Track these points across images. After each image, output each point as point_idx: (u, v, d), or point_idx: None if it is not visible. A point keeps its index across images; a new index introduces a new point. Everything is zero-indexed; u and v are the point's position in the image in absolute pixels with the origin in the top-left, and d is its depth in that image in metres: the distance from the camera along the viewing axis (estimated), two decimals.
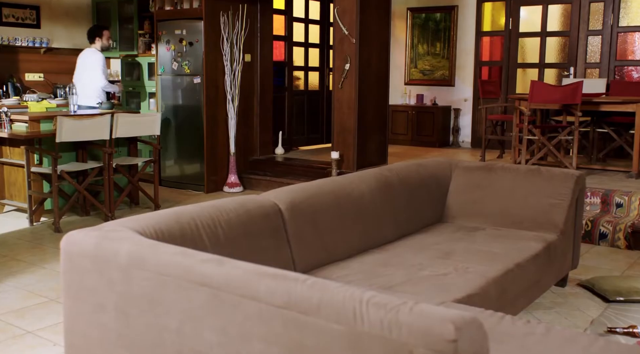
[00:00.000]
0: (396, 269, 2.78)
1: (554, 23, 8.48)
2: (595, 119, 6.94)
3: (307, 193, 2.93)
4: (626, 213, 5.11)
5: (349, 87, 6.47)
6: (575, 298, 3.71)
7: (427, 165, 3.97)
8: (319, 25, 8.89)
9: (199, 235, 2.34)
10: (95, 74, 6.80)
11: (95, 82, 6.81)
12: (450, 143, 9.33)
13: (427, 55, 9.47)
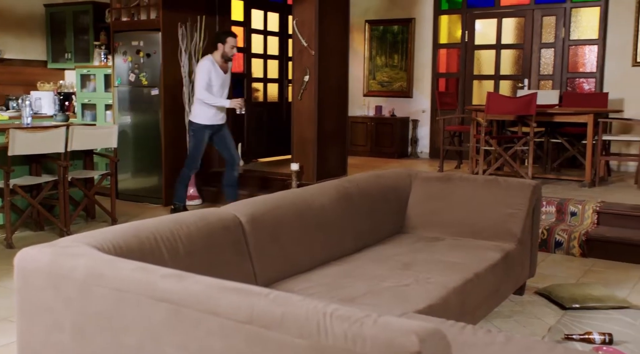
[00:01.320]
0: (357, 280, 2.78)
1: (509, 36, 8.67)
2: (549, 130, 7.09)
3: (268, 205, 2.91)
4: (580, 222, 5.22)
5: (308, 98, 6.49)
6: (533, 306, 3.77)
7: (387, 176, 4.00)
8: (278, 37, 8.90)
9: (158, 249, 2.30)
10: (195, 85, 5.93)
11: (195, 95, 5.95)
12: (408, 154, 9.42)
13: (385, 67, 9.56)
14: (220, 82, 5.91)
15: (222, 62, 5.92)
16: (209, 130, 6.00)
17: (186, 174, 6.19)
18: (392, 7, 9.38)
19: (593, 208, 5.20)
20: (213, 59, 5.87)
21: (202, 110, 5.92)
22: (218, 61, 5.89)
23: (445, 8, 9.09)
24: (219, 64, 5.88)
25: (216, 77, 5.86)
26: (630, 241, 4.81)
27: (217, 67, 5.86)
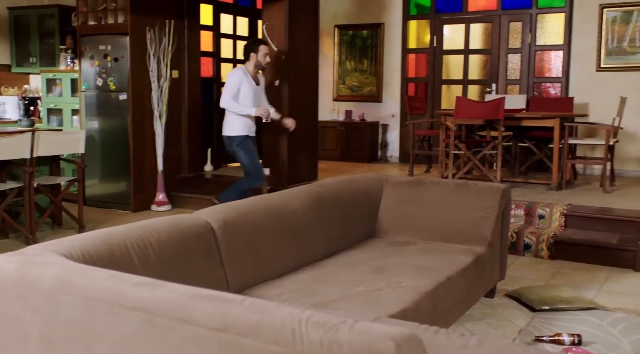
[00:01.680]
0: (330, 286, 2.77)
1: (476, 41, 8.77)
2: (517, 134, 7.19)
3: (240, 211, 2.89)
4: (548, 224, 5.30)
5: (278, 103, 6.47)
6: (504, 308, 3.81)
7: (358, 181, 4.00)
8: (247, 41, 8.85)
9: (128, 257, 2.26)
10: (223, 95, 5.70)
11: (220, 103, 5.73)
12: (378, 158, 9.46)
13: (354, 72, 9.60)
14: (253, 92, 5.72)
15: (255, 73, 5.78)
16: (250, 139, 5.81)
17: (247, 186, 5.79)
18: (361, 12, 9.42)
19: (560, 211, 5.28)
20: (245, 69, 5.72)
21: (235, 122, 5.71)
22: (250, 72, 5.74)
23: (414, 13, 9.16)
24: (251, 75, 5.74)
25: (248, 88, 5.69)
26: (597, 243, 4.90)
27: (249, 78, 5.70)
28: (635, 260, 4.71)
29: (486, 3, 8.59)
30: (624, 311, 3.76)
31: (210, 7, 8.08)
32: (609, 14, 7.75)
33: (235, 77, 5.63)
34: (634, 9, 7.62)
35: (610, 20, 7.75)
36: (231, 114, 5.70)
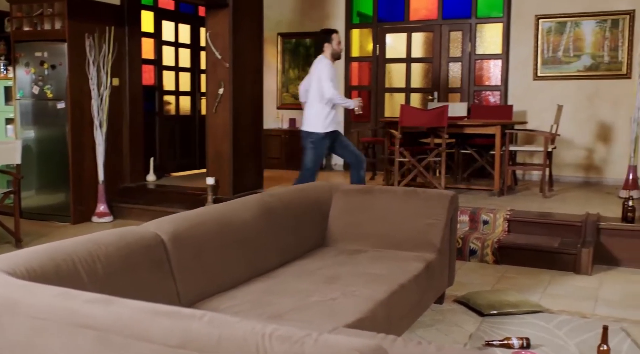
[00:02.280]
0: (283, 296, 2.74)
1: (418, 50, 8.91)
2: (459, 141, 7.33)
3: (190, 222, 2.82)
4: (492, 230, 5.40)
5: (223, 112, 6.41)
6: (453, 314, 3.85)
7: (308, 189, 3.98)
8: (190, 49, 8.75)
9: (76, 272, 2.17)
10: (319, 86, 5.58)
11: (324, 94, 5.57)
12: (323, 166, 9.45)
13: (298, 80, 9.55)
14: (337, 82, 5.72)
15: (332, 62, 5.73)
16: (328, 140, 5.69)
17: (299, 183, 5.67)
18: (304, 20, 9.43)
19: (504, 216, 5.40)
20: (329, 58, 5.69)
21: (318, 117, 5.59)
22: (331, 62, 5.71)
23: (357, 22, 9.23)
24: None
25: (335, 77, 5.68)
26: (539, 247, 5.02)
27: (334, 68, 5.69)
28: (575, 263, 4.85)
29: (427, 13, 8.74)
30: (568, 313, 3.86)
31: (152, 14, 7.95)
32: (544, 25, 8.00)
33: (329, 68, 5.58)
34: (567, 20, 7.89)
35: (545, 30, 8.00)
36: (316, 108, 5.59)
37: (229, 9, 6.26)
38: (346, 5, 9.11)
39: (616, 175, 7.73)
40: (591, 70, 7.84)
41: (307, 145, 5.69)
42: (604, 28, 7.73)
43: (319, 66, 5.65)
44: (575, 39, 7.87)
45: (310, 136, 5.65)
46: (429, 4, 8.72)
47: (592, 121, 7.91)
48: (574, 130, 7.89)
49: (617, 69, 7.72)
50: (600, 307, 4.05)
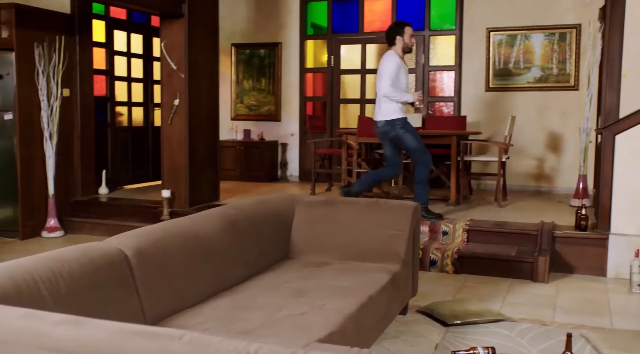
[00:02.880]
0: (252, 311, 2.68)
1: (373, 61, 8.97)
2: None
3: (154, 237, 2.74)
4: (451, 240, 5.45)
5: (179, 123, 6.31)
6: (417, 324, 3.85)
7: (270, 201, 3.93)
8: (142, 59, 8.60)
9: (38, 292, 2.07)
10: (380, 81, 5.60)
11: (379, 90, 5.63)
12: (278, 177, 9.42)
13: (252, 91, 9.54)
14: (407, 78, 5.66)
15: (403, 57, 5.68)
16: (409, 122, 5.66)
17: (425, 173, 5.70)
18: (258, 31, 9.40)
19: (463, 227, 5.45)
20: (398, 54, 5.61)
21: (391, 106, 5.57)
22: (401, 56, 5.62)
23: (311, 33, 9.25)
24: (402, 60, 5.63)
25: (404, 72, 5.60)
26: (497, 256, 5.09)
27: (403, 63, 5.59)
28: (532, 271, 4.93)
29: (381, 24, 8.81)
30: (529, 321, 3.91)
31: (103, 24, 7.78)
32: (495, 37, 8.17)
33: (394, 64, 5.51)
34: (517, 33, 8.08)
35: (496, 43, 8.17)
36: (385, 100, 5.56)
37: (184, 19, 6.19)
38: (300, 16, 9.11)
39: (566, 184, 7.93)
40: (541, 82, 8.04)
41: (398, 133, 5.62)
42: (552, 41, 7.95)
43: (386, 62, 5.63)
44: (525, 52, 8.06)
45: (396, 124, 5.60)
46: (383, 15, 8.81)
47: (542, 131, 8.11)
48: (525, 140, 8.07)
49: (566, 81, 7.93)
50: (559, 314, 4.12)
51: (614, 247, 5.08)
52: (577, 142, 7.72)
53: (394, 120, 5.61)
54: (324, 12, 9.09)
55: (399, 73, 5.58)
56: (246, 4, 9.37)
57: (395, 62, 5.58)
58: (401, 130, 5.63)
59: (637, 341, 3.46)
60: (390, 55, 5.67)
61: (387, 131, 5.66)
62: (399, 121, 5.61)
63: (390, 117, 5.62)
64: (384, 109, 5.64)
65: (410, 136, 5.64)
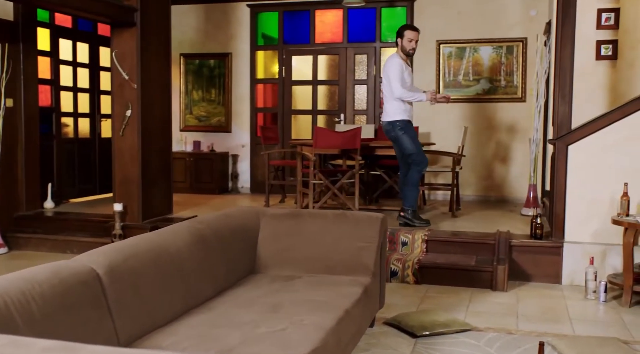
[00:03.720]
0: (229, 329, 2.59)
1: (324, 72, 8.98)
2: (368, 162, 7.41)
3: (124, 254, 2.62)
4: (411, 250, 5.47)
5: (131, 134, 6.13)
6: (386, 336, 3.83)
7: (235, 215, 3.85)
8: (89, 68, 8.34)
9: (9, 315, 1.94)
10: (389, 84, 5.69)
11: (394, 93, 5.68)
12: (229, 189, 9.30)
13: (202, 102, 9.40)
14: (411, 79, 5.70)
15: (405, 58, 5.79)
16: (411, 124, 5.78)
17: (417, 176, 5.80)
18: (208, 41, 9.28)
19: (422, 237, 5.48)
20: (400, 55, 5.73)
21: (398, 107, 5.68)
22: (403, 58, 5.73)
23: (261, 44, 9.19)
24: (405, 61, 5.68)
25: (407, 74, 5.64)
26: (457, 266, 5.13)
27: (405, 64, 5.64)
28: (492, 280, 4.99)
29: (332, 36, 8.85)
30: (494, 330, 3.95)
31: (48, 32, 7.52)
32: (445, 50, 8.31)
33: (397, 65, 5.64)
34: (466, 45, 8.24)
35: (446, 55, 8.31)
36: (392, 103, 5.68)
37: (136, 28, 6.03)
38: (251, 26, 9.05)
39: (515, 193, 8.12)
40: (489, 94, 8.21)
41: (397, 134, 5.74)
42: (500, 54, 8.14)
43: (387, 64, 5.78)
44: (474, 64, 8.23)
45: (396, 125, 5.71)
46: (334, 27, 8.84)
47: (491, 141, 8.28)
48: (474, 150, 8.21)
49: (513, 93, 8.13)
50: (522, 322, 4.17)
51: (568, 255, 5.20)
52: (524, 153, 7.93)
53: (395, 121, 5.74)
54: (274, 23, 9.05)
55: (403, 74, 5.72)
56: (195, 13, 9.24)
57: (397, 64, 5.71)
58: (400, 131, 5.74)
59: (602, 347, 3.53)
60: (392, 58, 5.81)
61: (388, 130, 5.82)
62: (399, 123, 5.73)
63: (391, 118, 5.76)
64: (388, 110, 5.80)
65: (408, 138, 5.75)
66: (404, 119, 5.73)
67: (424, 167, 5.81)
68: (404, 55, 5.78)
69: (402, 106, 5.73)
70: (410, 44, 5.75)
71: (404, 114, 5.74)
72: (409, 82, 5.77)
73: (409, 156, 5.77)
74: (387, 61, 5.85)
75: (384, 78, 5.86)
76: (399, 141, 5.78)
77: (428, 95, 5.73)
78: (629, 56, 6.48)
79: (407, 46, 5.75)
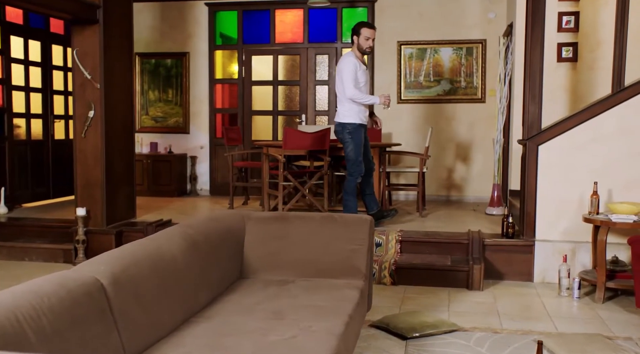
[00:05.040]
0: (238, 337, 2.51)
1: (285, 73, 8.90)
2: (332, 163, 7.36)
3: (124, 262, 2.50)
4: (385, 251, 5.47)
5: (94, 136, 5.92)
6: (375, 339, 3.80)
7: (221, 219, 3.74)
8: (41, 67, 8.02)
9: (22, 332, 1.81)
10: (342, 84, 5.56)
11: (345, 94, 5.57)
12: (188, 192, 9.11)
13: (159, 102, 9.18)
14: (365, 78, 5.55)
15: (361, 57, 5.65)
16: (363, 129, 5.66)
17: (353, 184, 5.67)
18: (164, 40, 9.06)
19: (396, 238, 5.48)
20: (354, 54, 5.58)
21: (352, 109, 5.57)
22: (358, 57, 5.60)
23: (220, 43, 9.03)
24: (360, 60, 5.51)
25: (361, 74, 5.50)
26: (434, 266, 5.15)
27: (360, 63, 5.48)
28: (468, 280, 5.03)
29: (293, 36, 8.78)
30: (480, 330, 3.97)
31: None
32: (406, 51, 8.37)
33: (350, 65, 5.51)
34: (427, 46, 8.31)
35: (407, 56, 8.37)
36: (345, 105, 5.57)
37: (99, 25, 5.82)
38: (209, 25, 8.89)
39: (475, 193, 8.24)
40: (450, 95, 8.30)
41: (345, 137, 5.64)
42: (460, 55, 8.24)
43: (341, 64, 5.64)
44: (435, 65, 8.31)
45: (346, 127, 5.60)
46: (295, 27, 8.77)
47: (451, 142, 8.37)
48: (435, 151, 8.29)
49: (473, 94, 8.25)
50: (505, 321, 4.21)
51: (539, 253, 5.29)
52: (484, 153, 8.06)
53: (346, 123, 5.64)
54: (233, 22, 8.91)
55: (357, 74, 5.58)
56: (151, 12, 9.01)
57: (351, 63, 5.55)
58: (347, 135, 5.65)
59: (590, 343, 3.59)
60: (346, 56, 5.66)
61: (338, 131, 5.73)
62: (349, 126, 5.64)
63: (342, 120, 5.66)
64: (340, 111, 5.71)
65: (352, 144, 5.64)
66: (356, 122, 5.61)
67: (358, 176, 5.68)
68: (359, 54, 5.64)
69: (355, 107, 5.60)
70: (367, 43, 5.58)
71: (356, 116, 5.61)
72: (363, 82, 5.65)
73: (347, 161, 5.69)
74: (340, 60, 5.71)
75: (337, 78, 5.71)
76: (344, 144, 5.71)
77: (382, 98, 5.63)
78: (589, 58, 6.66)
79: (363, 44, 5.58)
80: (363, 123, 5.69)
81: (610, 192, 5.15)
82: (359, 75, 5.60)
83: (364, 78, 5.67)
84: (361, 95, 5.55)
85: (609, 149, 5.18)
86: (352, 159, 5.64)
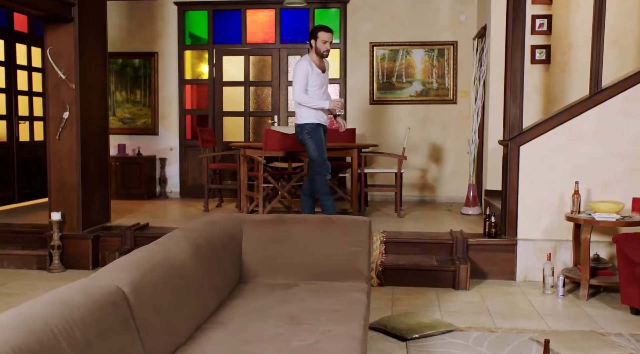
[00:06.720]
0: (260, 343, 2.45)
1: (256, 73, 8.82)
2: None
3: (141, 269, 2.42)
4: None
5: (69, 138, 5.75)
6: (375, 341, 3.79)
7: (218, 222, 3.67)
8: (4, 67, 7.74)
9: (58, 345, 1.73)
10: (294, 89, 5.55)
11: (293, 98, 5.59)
12: (157, 194, 8.94)
13: (126, 103, 8.98)
14: (319, 82, 5.48)
15: (319, 61, 5.58)
16: (322, 128, 5.61)
17: (324, 183, 5.56)
18: (132, 39, 8.88)
19: (380, 239, 5.48)
20: (310, 58, 5.54)
21: (306, 110, 5.54)
22: (315, 61, 5.55)
23: (189, 43, 8.90)
24: (316, 64, 5.54)
25: (315, 78, 5.45)
26: (420, 267, 5.18)
27: (314, 67, 5.52)
28: (454, 280, 5.07)
29: (265, 36, 8.71)
30: (476, 329, 4.00)
31: None
32: (379, 52, 8.40)
33: (302, 69, 5.48)
34: (399, 48, 8.36)
35: (379, 57, 8.40)
36: (302, 108, 5.55)
37: (73, 24, 5.65)
38: (179, 25, 8.75)
39: (448, 193, 8.33)
40: (422, 96, 8.37)
41: (304, 138, 5.60)
42: (432, 57, 8.32)
43: (295, 68, 5.61)
44: (407, 66, 8.36)
45: (304, 128, 5.58)
46: (266, 27, 8.70)
47: (424, 143, 8.44)
48: (408, 152, 8.33)
49: (445, 95, 8.33)
50: (498, 320, 4.26)
51: (522, 252, 5.37)
52: (457, 153, 8.15)
53: (304, 124, 5.59)
54: (203, 22, 8.79)
55: (309, 79, 5.53)
56: (118, 10, 8.81)
57: (303, 67, 5.51)
58: (306, 135, 5.59)
59: (587, 340, 3.66)
60: (300, 61, 5.62)
61: (297, 133, 5.66)
62: (307, 126, 5.58)
63: (301, 121, 5.61)
64: (298, 113, 5.66)
65: (312, 144, 5.56)
66: (313, 122, 5.57)
67: (325, 173, 5.61)
68: (316, 57, 5.59)
69: (316, 111, 5.57)
70: (324, 46, 5.55)
71: (313, 117, 5.58)
72: (317, 85, 5.57)
73: (311, 161, 5.64)
74: (295, 65, 5.68)
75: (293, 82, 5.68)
76: (305, 145, 5.67)
77: (332, 103, 5.56)
78: (561, 61, 6.81)
79: (321, 48, 5.55)
80: (321, 123, 5.65)
81: (589, 192, 5.27)
82: (312, 79, 5.55)
83: (318, 81, 5.59)
84: (309, 99, 5.50)
85: (587, 149, 5.29)
86: (316, 158, 5.56)
